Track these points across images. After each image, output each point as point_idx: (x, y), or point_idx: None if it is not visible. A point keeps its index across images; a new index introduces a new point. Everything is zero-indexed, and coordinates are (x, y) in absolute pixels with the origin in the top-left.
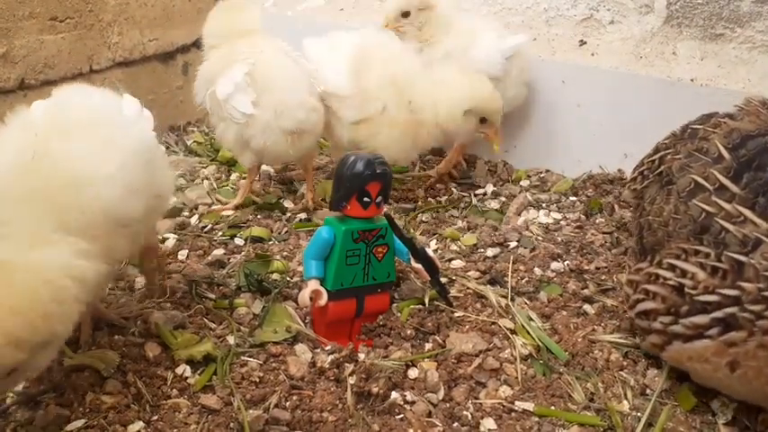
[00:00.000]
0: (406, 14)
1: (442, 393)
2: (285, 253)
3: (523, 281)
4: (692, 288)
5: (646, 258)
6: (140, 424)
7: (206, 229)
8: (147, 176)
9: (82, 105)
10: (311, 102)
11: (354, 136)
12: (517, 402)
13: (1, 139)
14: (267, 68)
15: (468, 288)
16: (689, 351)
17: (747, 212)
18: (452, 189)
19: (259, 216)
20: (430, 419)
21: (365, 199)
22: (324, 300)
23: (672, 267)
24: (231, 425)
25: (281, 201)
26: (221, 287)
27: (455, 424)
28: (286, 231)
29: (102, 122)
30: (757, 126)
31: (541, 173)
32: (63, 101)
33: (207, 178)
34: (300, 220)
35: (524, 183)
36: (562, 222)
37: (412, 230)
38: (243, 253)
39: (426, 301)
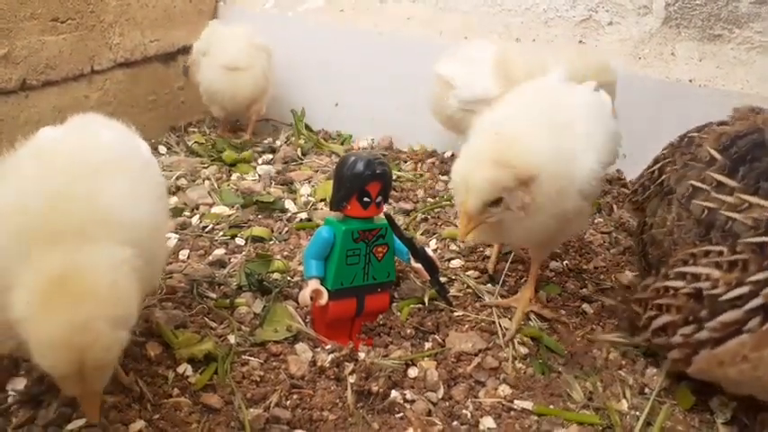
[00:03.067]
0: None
1: (441, 392)
2: (286, 253)
3: (523, 280)
4: (712, 288)
5: (651, 274)
6: (141, 423)
7: (207, 229)
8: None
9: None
10: (246, 47)
11: None
12: (516, 401)
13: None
14: (219, 32)
15: (467, 287)
16: (720, 355)
17: (752, 198)
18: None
19: (260, 216)
20: (430, 418)
21: (365, 199)
22: (324, 299)
23: (681, 275)
24: (232, 424)
25: (282, 201)
26: (222, 287)
27: (455, 422)
28: (286, 231)
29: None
30: (746, 128)
31: None
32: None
33: (208, 178)
34: (301, 220)
35: None
36: None
37: (412, 230)
38: (244, 253)
39: (426, 300)
